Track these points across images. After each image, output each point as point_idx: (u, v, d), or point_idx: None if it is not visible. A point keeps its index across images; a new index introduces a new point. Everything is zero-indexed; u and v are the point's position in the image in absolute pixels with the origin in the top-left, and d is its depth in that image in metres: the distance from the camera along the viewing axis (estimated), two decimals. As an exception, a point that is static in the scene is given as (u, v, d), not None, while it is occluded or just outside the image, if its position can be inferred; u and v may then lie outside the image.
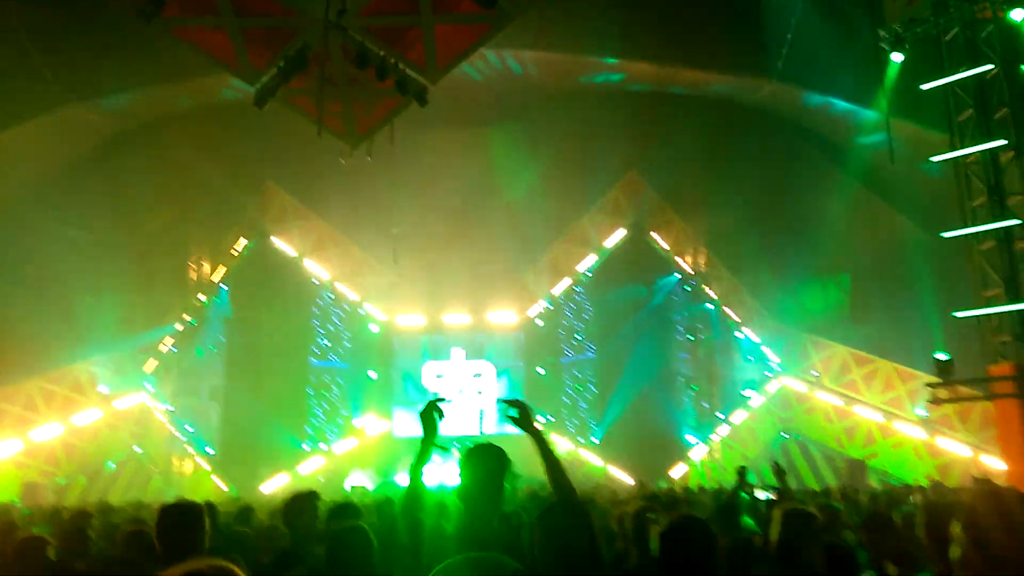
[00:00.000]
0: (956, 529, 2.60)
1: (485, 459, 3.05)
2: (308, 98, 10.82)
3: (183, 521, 3.51)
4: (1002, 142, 12.91)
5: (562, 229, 25.84)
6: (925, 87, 13.82)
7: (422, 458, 3.25)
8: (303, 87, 10.30)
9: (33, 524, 8.20)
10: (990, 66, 13.16)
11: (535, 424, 3.30)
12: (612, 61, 20.85)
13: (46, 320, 18.57)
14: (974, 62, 13.24)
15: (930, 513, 3.58)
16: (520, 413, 3.29)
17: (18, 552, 4.20)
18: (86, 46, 16.13)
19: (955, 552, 2.58)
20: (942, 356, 13.39)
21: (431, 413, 3.35)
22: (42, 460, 20.46)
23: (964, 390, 13.69)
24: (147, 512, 10.04)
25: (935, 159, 13.70)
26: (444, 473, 23.12)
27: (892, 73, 15.12)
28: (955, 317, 13.42)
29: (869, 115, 17.88)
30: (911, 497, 9.79)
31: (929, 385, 14.07)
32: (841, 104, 19.43)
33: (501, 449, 3.10)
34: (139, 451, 22.83)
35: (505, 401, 3.34)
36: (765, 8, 17.66)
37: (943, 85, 13.58)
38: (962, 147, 13.38)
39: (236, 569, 1.80)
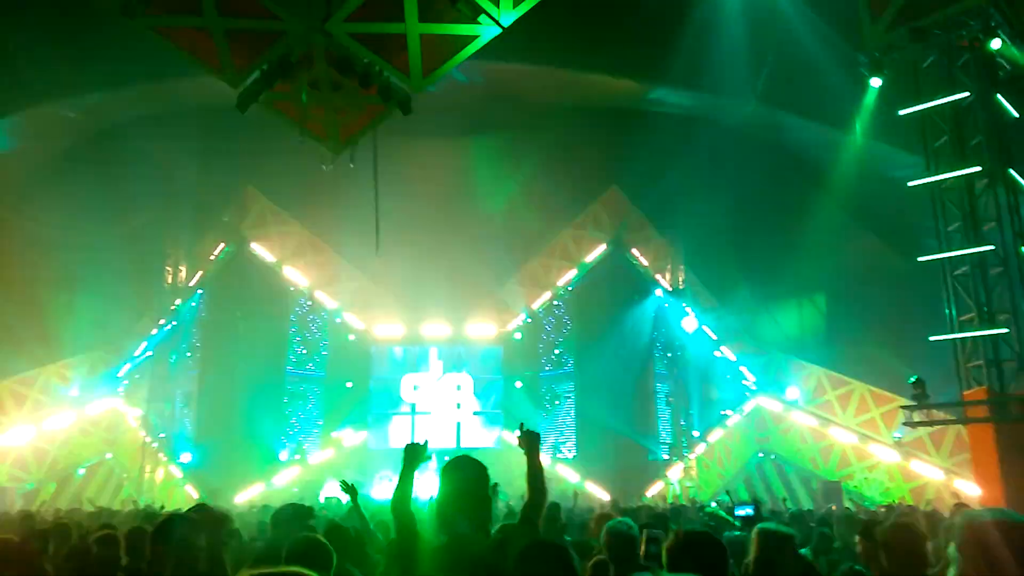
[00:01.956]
0: (951, 550, 2.63)
1: (465, 471, 3.00)
2: (291, 103, 10.79)
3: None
4: (976, 168, 13.07)
5: (543, 243, 25.90)
6: (902, 112, 13.99)
7: (405, 489, 3.23)
8: (286, 92, 10.26)
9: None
10: (966, 93, 13.35)
11: (536, 452, 3.39)
12: (595, 77, 20.99)
13: (18, 321, 18.32)
14: (951, 89, 13.43)
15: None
16: (529, 440, 3.41)
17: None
18: (66, 44, 15.97)
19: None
20: (916, 378, 13.49)
21: (417, 450, 3.36)
22: (11, 464, 20.10)
23: (938, 414, 13.80)
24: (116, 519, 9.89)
25: (911, 184, 13.85)
26: (419, 487, 22.95)
27: (870, 98, 15.33)
28: (930, 341, 13.52)
29: (847, 138, 18.11)
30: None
31: (904, 408, 14.16)
32: (820, 126, 19.68)
33: (481, 463, 3.05)
34: (110, 457, 22.48)
35: (523, 431, 3.46)
36: (747, 30, 17.87)
37: (920, 111, 13.75)
38: (937, 172, 13.54)
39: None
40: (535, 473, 3.24)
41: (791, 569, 3.67)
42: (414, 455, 3.30)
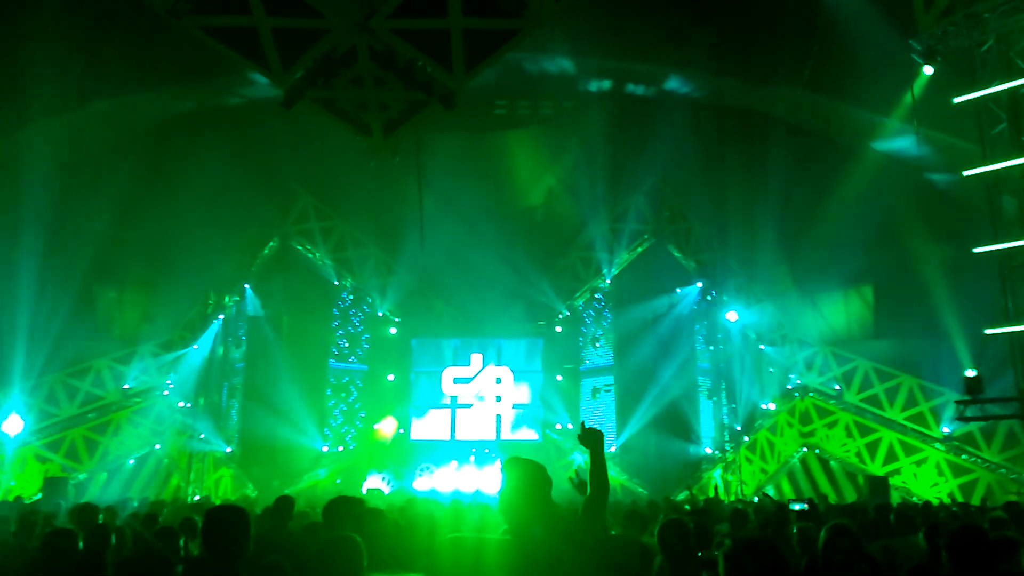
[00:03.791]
0: None
1: (528, 469, 2.97)
2: (334, 99, 10.84)
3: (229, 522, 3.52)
4: (1035, 157, 12.72)
5: (583, 235, 25.78)
6: (957, 100, 13.64)
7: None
8: (330, 89, 10.31)
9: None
10: (1023, 80, 12.97)
11: (600, 449, 3.36)
12: (636, 68, 20.79)
13: (69, 314, 18.76)
14: (1007, 75, 13.05)
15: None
16: (592, 438, 3.38)
17: (47, 545, 4.22)
18: (115, 43, 16.27)
19: None
20: (971, 373, 13.17)
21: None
22: (63, 455, 20.64)
23: (992, 409, 13.46)
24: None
25: (967, 173, 13.51)
26: (459, 480, 23.11)
27: (922, 85, 14.96)
28: (984, 334, 13.19)
29: (898, 127, 17.69)
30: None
31: (957, 402, 13.84)
32: (867, 115, 19.24)
33: (538, 462, 3.02)
34: (158, 448, 22.97)
35: (584, 429, 3.41)
36: (794, 18, 17.52)
37: (975, 98, 13.38)
38: (994, 161, 13.17)
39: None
40: (599, 470, 3.22)
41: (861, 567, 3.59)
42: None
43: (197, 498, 19.58)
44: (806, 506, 8.32)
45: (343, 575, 3.23)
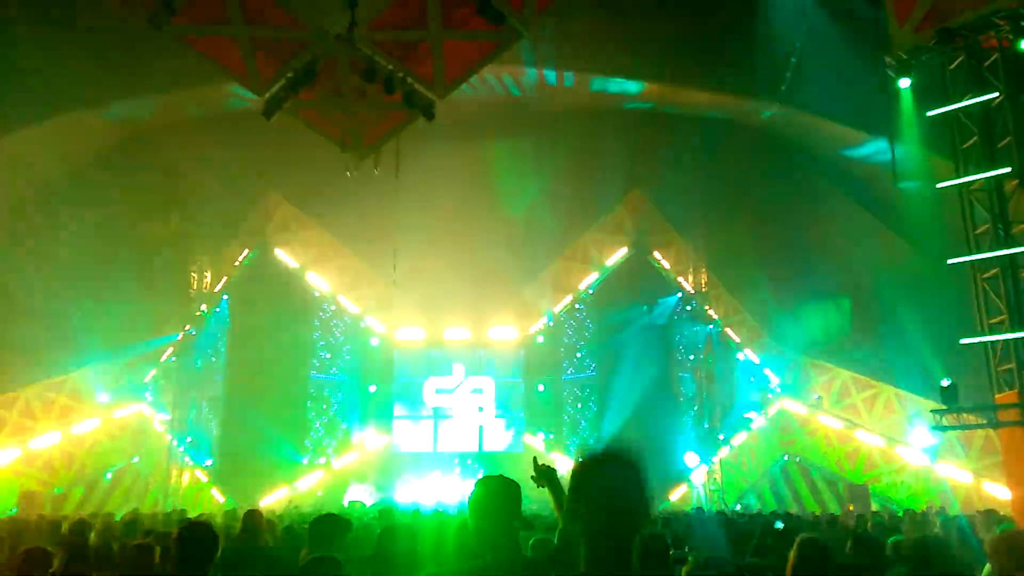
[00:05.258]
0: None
1: (499, 494, 2.92)
2: (315, 110, 10.87)
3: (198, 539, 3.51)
4: (1006, 170, 12.89)
5: (564, 246, 25.87)
6: (930, 114, 13.84)
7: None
8: (311, 99, 10.34)
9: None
10: (995, 94, 13.18)
11: (556, 484, 3.35)
12: (618, 80, 20.95)
13: (45, 326, 18.55)
14: (980, 90, 13.26)
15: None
16: (545, 475, 3.37)
17: (22, 564, 4.18)
18: (93, 53, 16.18)
19: None
20: (946, 382, 13.33)
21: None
22: (39, 469, 20.36)
23: (969, 417, 13.61)
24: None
25: (940, 185, 13.70)
26: (442, 491, 22.96)
27: (897, 99, 15.16)
28: (959, 344, 13.35)
29: (873, 140, 17.93)
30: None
31: (933, 411, 13.99)
32: (843, 128, 19.49)
33: (515, 484, 2.98)
34: (137, 461, 22.72)
35: (537, 468, 3.38)
36: (770, 31, 17.75)
37: (948, 112, 13.59)
38: (966, 174, 13.36)
39: None
40: (561, 505, 3.23)
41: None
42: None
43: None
44: (781, 524, 8.40)
45: None
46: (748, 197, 20.83)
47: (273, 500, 21.94)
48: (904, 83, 14.10)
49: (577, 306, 26.62)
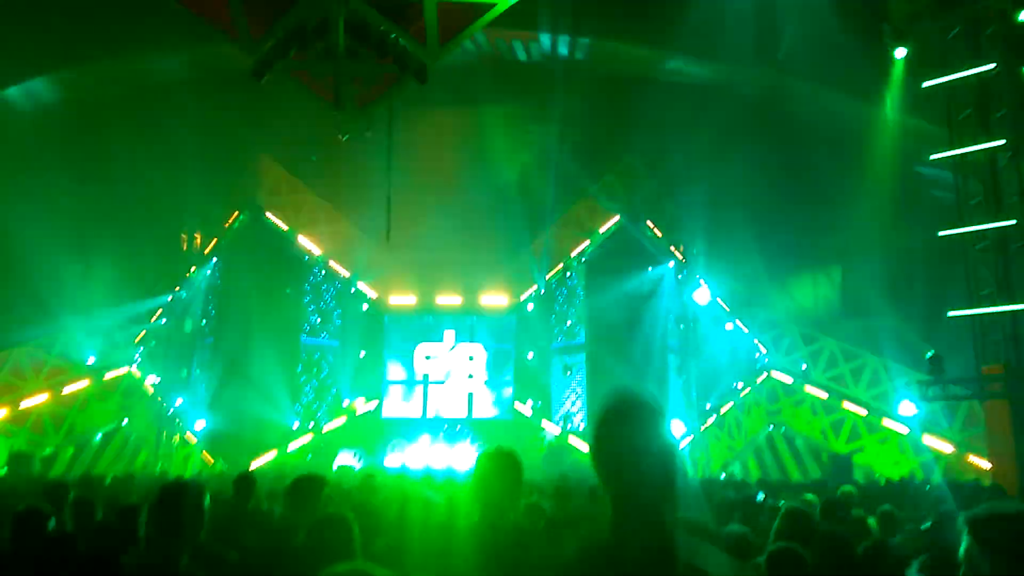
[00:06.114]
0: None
1: (503, 466, 2.92)
2: (307, 71, 10.71)
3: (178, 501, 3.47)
4: (1001, 142, 12.90)
5: (556, 214, 25.79)
6: (926, 84, 13.78)
7: None
8: (302, 60, 10.17)
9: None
10: (992, 65, 13.12)
11: None
12: (611, 44, 20.73)
13: (35, 287, 18.45)
14: (976, 60, 13.20)
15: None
16: None
17: (16, 524, 4.14)
18: (81, 9, 15.88)
19: None
20: (933, 354, 13.45)
21: None
22: (29, 428, 20.37)
23: (954, 389, 13.76)
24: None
25: (933, 157, 13.70)
26: (430, 456, 23.12)
27: (893, 69, 15.09)
28: (947, 316, 13.45)
29: (869, 110, 17.86)
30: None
31: (920, 382, 14.14)
32: (837, 97, 19.39)
33: (515, 458, 2.97)
34: (126, 423, 22.75)
35: None
36: (768, -1, 17.55)
37: (944, 83, 13.53)
38: (961, 145, 13.36)
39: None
40: None
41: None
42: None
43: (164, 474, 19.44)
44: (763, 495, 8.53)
45: (336, 554, 3.19)
46: (741, 166, 20.72)
47: (263, 463, 22.03)
48: (900, 52, 14.02)
49: (568, 274, 26.61)
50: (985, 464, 15.83)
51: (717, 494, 9.16)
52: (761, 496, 8.72)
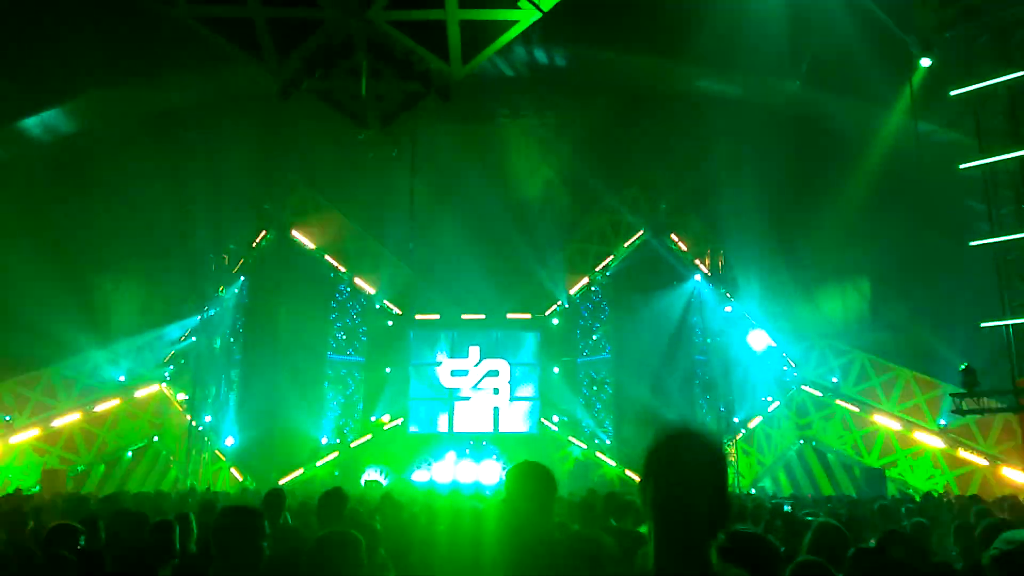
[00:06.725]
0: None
1: (536, 482, 2.89)
2: (331, 91, 10.84)
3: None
4: (1031, 150, 12.72)
5: (580, 228, 25.79)
6: (954, 93, 13.62)
7: None
8: (327, 80, 10.31)
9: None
10: (1021, 72, 12.95)
11: None
12: (635, 59, 20.74)
13: (65, 307, 18.75)
14: (1005, 69, 13.04)
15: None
16: None
17: (47, 541, 4.20)
18: (111, 32, 16.21)
19: None
20: (966, 366, 13.21)
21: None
22: (61, 447, 20.66)
23: (988, 402, 13.49)
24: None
25: (964, 166, 13.51)
26: (457, 472, 23.10)
27: (919, 78, 14.94)
28: (980, 327, 13.22)
29: (895, 119, 17.68)
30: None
31: (953, 395, 13.88)
32: (864, 107, 19.22)
33: (548, 471, 2.94)
34: (157, 440, 22.99)
35: None
36: (790, 10, 17.47)
37: (973, 91, 13.37)
38: (991, 154, 13.18)
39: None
40: None
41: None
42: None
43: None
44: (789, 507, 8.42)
45: (341, 569, 3.20)
46: (766, 179, 20.60)
47: (291, 480, 22.14)
48: (925, 62, 13.89)
49: (593, 288, 26.55)
50: (1020, 477, 15.50)
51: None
52: (788, 508, 8.60)
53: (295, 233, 25.24)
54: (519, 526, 2.78)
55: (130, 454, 22.49)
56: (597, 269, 26.07)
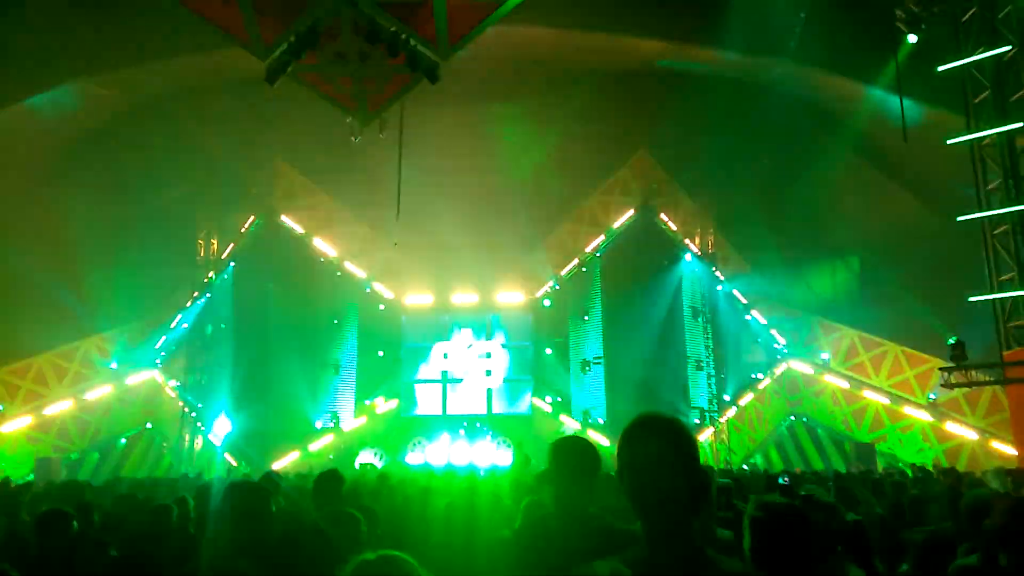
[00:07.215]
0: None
1: (579, 455, 2.91)
2: (319, 74, 10.76)
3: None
4: (1018, 124, 12.76)
5: (571, 209, 25.77)
6: (941, 68, 13.64)
7: None
8: (314, 63, 10.23)
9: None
10: (1008, 47, 12.97)
11: None
12: (623, 38, 20.64)
13: (56, 295, 18.68)
14: (992, 43, 13.05)
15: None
16: None
17: (37, 525, 4.21)
18: (94, 20, 16.03)
19: None
20: (955, 340, 13.33)
21: None
22: (54, 435, 20.64)
23: (977, 375, 13.63)
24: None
25: (951, 142, 13.55)
26: (452, 453, 23.19)
27: (906, 54, 14.93)
28: (968, 301, 13.33)
29: (883, 96, 17.69)
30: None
31: (942, 369, 14.02)
32: (853, 84, 19.23)
33: (591, 444, 2.96)
34: (150, 427, 22.99)
35: None
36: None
37: (960, 66, 13.39)
38: (978, 129, 13.22)
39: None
40: None
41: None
42: None
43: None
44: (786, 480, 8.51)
45: (340, 551, 3.22)
46: (756, 156, 20.63)
47: (285, 464, 22.20)
48: (912, 37, 13.89)
49: (584, 269, 26.58)
50: (1009, 450, 15.69)
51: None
52: (783, 480, 8.69)
53: (284, 218, 25.12)
54: (562, 502, 2.80)
55: (124, 441, 22.49)
56: (588, 249, 26.08)
